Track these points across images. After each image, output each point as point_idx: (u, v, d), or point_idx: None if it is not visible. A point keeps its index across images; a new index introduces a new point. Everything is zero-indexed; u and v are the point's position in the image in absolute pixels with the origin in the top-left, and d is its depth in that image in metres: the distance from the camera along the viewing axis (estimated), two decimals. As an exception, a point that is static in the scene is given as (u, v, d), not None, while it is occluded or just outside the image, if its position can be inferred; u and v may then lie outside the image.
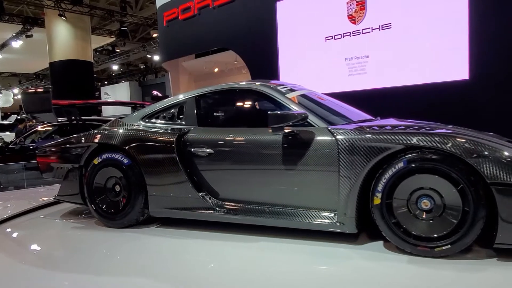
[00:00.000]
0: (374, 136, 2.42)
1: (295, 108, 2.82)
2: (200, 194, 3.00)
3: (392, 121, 3.03)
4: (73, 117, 4.27)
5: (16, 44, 18.41)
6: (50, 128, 7.94)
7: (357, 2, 5.87)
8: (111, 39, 20.68)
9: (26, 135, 7.88)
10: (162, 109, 3.45)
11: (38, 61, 23.38)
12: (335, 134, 2.54)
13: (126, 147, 3.23)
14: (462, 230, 2.18)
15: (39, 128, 8.03)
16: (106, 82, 32.80)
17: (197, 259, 2.56)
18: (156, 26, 13.22)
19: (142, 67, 28.78)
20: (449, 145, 2.20)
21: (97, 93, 29.10)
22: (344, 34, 6.07)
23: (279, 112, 2.65)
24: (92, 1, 17.34)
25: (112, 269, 2.47)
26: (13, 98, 30.04)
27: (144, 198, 3.18)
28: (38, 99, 3.85)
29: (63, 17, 15.25)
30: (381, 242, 2.56)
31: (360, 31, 5.87)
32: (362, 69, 5.89)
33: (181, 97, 3.42)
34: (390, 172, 2.33)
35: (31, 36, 17.17)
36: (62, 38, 15.96)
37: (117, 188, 3.27)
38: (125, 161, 3.22)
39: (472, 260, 2.24)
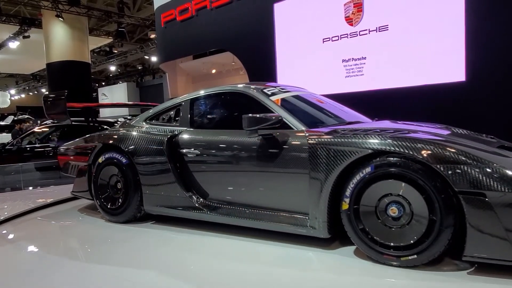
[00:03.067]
0: (343, 140, 2.38)
1: (275, 110, 2.82)
2: (188, 194, 3.11)
3: (386, 123, 3.04)
4: (90, 118, 4.81)
5: (13, 44, 18.35)
6: (47, 129, 7.94)
7: (354, 4, 5.88)
8: (109, 40, 20.64)
9: (22, 136, 7.86)
10: (162, 111, 3.60)
11: (35, 62, 23.32)
12: (308, 137, 2.53)
13: (124, 147, 3.42)
14: (428, 240, 2.08)
15: (36, 129, 8.02)
16: (103, 83, 32.75)
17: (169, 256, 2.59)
18: (154, 27, 13.21)
19: (139, 68, 28.76)
20: (416, 150, 2.11)
21: (94, 94, 29.05)
22: (342, 36, 6.09)
23: (253, 115, 2.64)
24: (90, 2, 17.31)
25: (111, 269, 2.47)
26: (10, 99, 29.95)
27: (139, 196, 3.35)
28: (54, 103, 4.28)
29: (60, 18, 15.21)
30: (353, 247, 2.52)
31: (357, 33, 5.88)
32: (359, 70, 5.91)
33: (178, 99, 3.55)
34: (358, 177, 2.28)
35: (28, 37, 17.11)
36: (59, 39, 15.91)
37: (119, 185, 3.47)
38: (124, 160, 3.42)
39: (442, 272, 2.12)
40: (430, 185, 2.06)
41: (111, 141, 3.56)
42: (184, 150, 3.16)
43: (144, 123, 3.62)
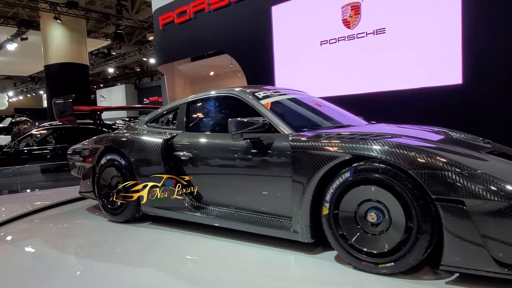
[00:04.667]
0: (323, 144, 2.36)
1: (263, 114, 2.83)
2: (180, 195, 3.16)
3: (379, 127, 3.02)
4: (98, 121, 5.13)
5: (11, 46, 18.34)
6: (45, 131, 7.92)
7: (351, 6, 5.90)
8: (107, 42, 20.65)
9: (20, 138, 7.84)
10: (162, 114, 3.67)
11: (33, 64, 23.30)
12: (292, 141, 2.52)
13: (124, 149, 3.50)
14: (405, 248, 2.02)
15: (34, 131, 8.00)
16: (101, 85, 32.72)
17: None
18: (152, 29, 13.21)
19: (138, 70, 28.74)
20: (393, 155, 2.06)
21: (92, 96, 29.02)
22: (339, 39, 6.11)
23: (238, 119, 2.65)
24: (88, 4, 17.32)
25: (110, 269, 2.47)
26: (8, 101, 29.90)
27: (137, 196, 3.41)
28: (63, 106, 4.54)
29: (58, 20, 15.21)
30: (336, 252, 2.47)
31: (355, 35, 5.91)
32: (357, 73, 5.92)
33: (176, 103, 3.61)
34: (337, 182, 2.25)
35: (26, 39, 17.10)
36: (58, 41, 15.91)
37: (119, 186, 3.53)
38: (123, 162, 3.50)
39: (422, 281, 2.06)
40: (407, 191, 2.01)
41: (112, 144, 3.66)
42: (178, 153, 3.21)
43: (145, 126, 3.71)
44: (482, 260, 1.84)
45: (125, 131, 3.83)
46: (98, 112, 5.44)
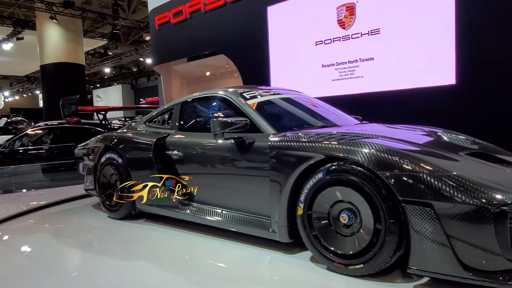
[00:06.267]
0: (299, 145, 2.35)
1: (247, 114, 2.85)
2: (170, 194, 3.22)
3: (366, 127, 3.01)
4: (103, 121, 5.34)
5: (7, 46, 18.28)
6: (41, 131, 7.90)
7: (346, 7, 5.93)
8: (103, 42, 20.62)
9: (15, 138, 7.80)
10: (159, 114, 3.75)
11: (29, 64, 23.24)
12: (271, 141, 2.52)
13: (120, 148, 3.59)
14: (374, 250, 2.01)
15: (29, 131, 7.98)
16: (98, 85, 32.65)
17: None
18: (149, 29, 13.21)
19: (134, 70, 28.70)
20: (363, 156, 2.04)
21: (89, 96, 28.94)
22: (334, 39, 6.13)
23: (220, 119, 2.69)
24: (84, 3, 17.28)
25: (107, 271, 2.49)
26: (3, 100, 29.79)
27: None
28: (68, 106, 4.73)
29: (54, 20, 15.18)
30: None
31: (350, 36, 5.93)
32: (352, 73, 5.95)
33: (172, 103, 3.68)
34: (311, 183, 2.25)
35: (22, 38, 17.07)
36: (54, 41, 15.87)
37: (118, 184, 3.61)
38: (120, 160, 3.59)
39: (395, 284, 2.03)
40: (376, 192, 1.99)
41: (110, 142, 3.75)
42: (170, 152, 3.27)
43: (143, 125, 3.79)
44: (448, 263, 1.81)
45: (124, 130, 3.93)
46: (103, 112, 5.56)
